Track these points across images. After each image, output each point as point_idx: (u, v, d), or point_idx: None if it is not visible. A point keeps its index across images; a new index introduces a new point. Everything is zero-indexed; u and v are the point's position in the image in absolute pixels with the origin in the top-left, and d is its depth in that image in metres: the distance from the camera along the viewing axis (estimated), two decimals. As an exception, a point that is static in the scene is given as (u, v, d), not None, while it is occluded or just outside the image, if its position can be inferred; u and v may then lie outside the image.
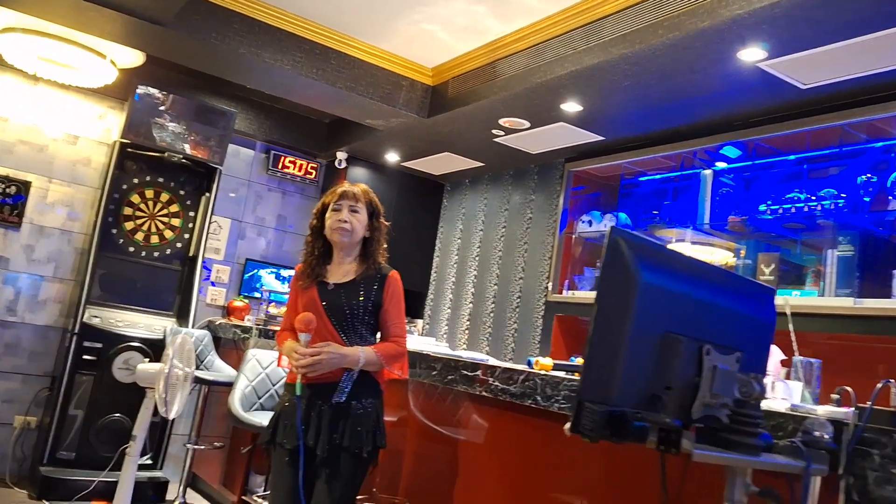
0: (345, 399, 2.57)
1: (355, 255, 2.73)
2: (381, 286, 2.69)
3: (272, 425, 2.62)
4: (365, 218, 2.73)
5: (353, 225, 2.67)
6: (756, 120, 4.07)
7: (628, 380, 1.40)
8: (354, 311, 2.62)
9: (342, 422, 2.55)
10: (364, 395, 2.61)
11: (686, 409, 1.46)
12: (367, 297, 2.64)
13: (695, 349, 1.46)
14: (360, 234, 2.71)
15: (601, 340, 1.38)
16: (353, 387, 2.59)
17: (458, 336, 5.84)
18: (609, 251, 1.38)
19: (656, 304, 1.43)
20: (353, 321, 2.62)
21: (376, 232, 2.76)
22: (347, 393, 2.57)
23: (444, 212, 6.45)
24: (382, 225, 2.79)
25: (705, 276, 1.57)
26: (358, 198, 2.72)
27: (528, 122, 4.64)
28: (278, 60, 4.34)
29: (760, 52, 3.35)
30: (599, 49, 3.66)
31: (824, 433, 1.53)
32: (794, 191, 4.03)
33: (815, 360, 2.30)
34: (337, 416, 2.55)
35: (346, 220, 2.66)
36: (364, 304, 2.64)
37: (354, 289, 2.64)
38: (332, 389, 2.57)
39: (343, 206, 2.69)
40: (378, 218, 2.78)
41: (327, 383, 2.57)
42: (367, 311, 2.65)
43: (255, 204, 6.06)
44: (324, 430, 2.52)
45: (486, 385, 2.72)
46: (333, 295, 2.63)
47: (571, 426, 1.35)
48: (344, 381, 2.58)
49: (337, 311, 2.61)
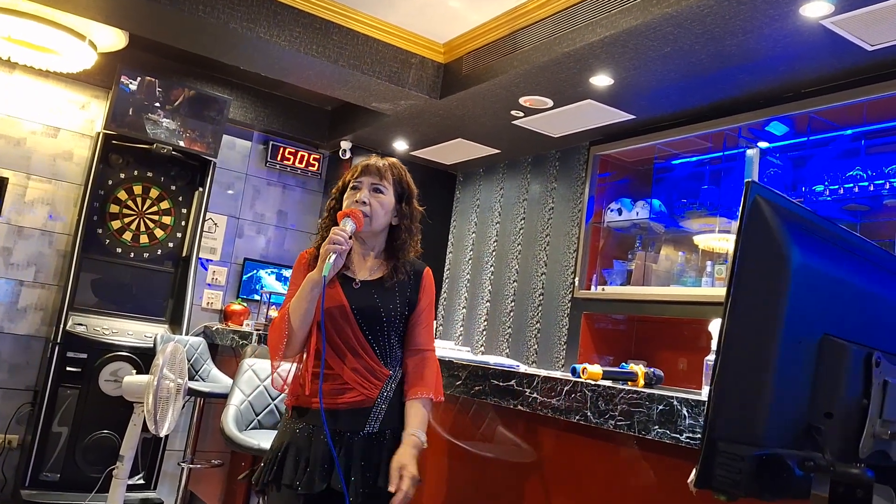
0: (378, 428, 2.05)
1: (380, 247, 2.18)
2: (417, 285, 2.17)
3: (276, 459, 2.04)
4: (391, 200, 2.14)
5: (372, 208, 2.09)
6: (811, 90, 3.62)
7: (779, 406, 0.96)
8: (391, 317, 2.10)
9: (376, 457, 2.02)
10: (397, 421, 2.09)
11: (850, 445, 1.01)
12: (403, 301, 2.12)
13: (861, 358, 1.02)
14: (384, 220, 2.13)
15: (740, 350, 0.93)
16: (387, 413, 2.07)
17: (475, 338, 5.40)
18: (749, 218, 0.93)
19: (814, 295, 0.98)
20: (387, 329, 2.10)
21: (405, 219, 2.18)
22: (381, 420, 2.05)
23: (456, 204, 6.01)
24: (415, 211, 2.21)
25: (870, 256, 1.12)
26: (383, 174, 2.14)
27: (551, 100, 4.20)
28: (274, 36, 3.90)
29: (827, 5, 2.91)
30: (638, 9, 3.21)
31: None
32: (853, 169, 3.59)
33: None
34: (370, 450, 2.02)
35: (364, 202, 2.08)
36: (400, 310, 2.11)
37: (388, 289, 2.11)
38: (363, 416, 2.03)
39: (363, 184, 2.11)
40: (409, 202, 2.19)
41: (358, 409, 2.03)
42: (403, 316, 2.13)
43: (254, 199, 5.62)
44: (356, 468, 1.98)
45: (522, 398, 2.28)
46: (363, 296, 2.08)
47: (700, 478, 0.91)
48: (377, 406, 2.05)
49: (369, 316, 2.07)
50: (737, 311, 0.93)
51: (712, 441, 0.91)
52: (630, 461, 2.06)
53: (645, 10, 3.19)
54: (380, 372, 2.07)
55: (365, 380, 2.05)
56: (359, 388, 2.04)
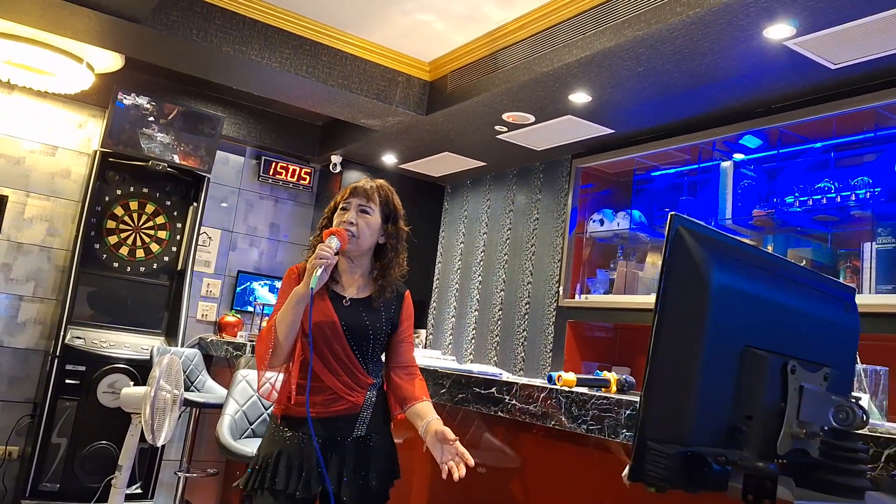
0: (366, 432, 2.20)
1: (366, 266, 2.31)
2: (399, 306, 2.31)
3: (267, 465, 2.14)
4: (377, 221, 2.27)
5: (359, 229, 2.22)
6: (780, 105, 3.78)
7: (701, 410, 1.10)
8: (377, 333, 2.24)
9: (366, 460, 2.17)
10: (381, 424, 2.25)
11: (770, 443, 1.16)
12: (387, 320, 2.27)
13: (778, 367, 1.16)
14: (370, 240, 2.26)
15: (667, 362, 1.08)
16: (373, 417, 2.22)
17: (465, 346, 5.53)
18: (672, 246, 1.08)
19: (733, 311, 1.13)
20: (373, 344, 2.24)
21: (392, 239, 2.31)
22: (367, 424, 2.21)
23: (445, 215, 6.16)
24: (401, 231, 2.34)
25: (785, 273, 1.27)
26: (370, 196, 2.26)
27: (532, 116, 4.35)
28: (265, 58, 4.04)
29: (789, 28, 3.07)
30: (612, 32, 3.37)
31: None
32: (823, 180, 3.74)
33: (882, 367, 2.00)
34: (360, 453, 2.17)
35: (352, 223, 2.21)
36: (384, 328, 2.26)
37: (375, 307, 2.25)
38: (352, 423, 2.18)
39: (351, 206, 2.24)
40: (396, 222, 2.32)
41: (347, 416, 2.17)
42: (387, 334, 2.28)
43: (246, 213, 5.75)
44: (348, 471, 2.12)
45: (502, 404, 2.42)
46: (352, 314, 2.22)
47: (632, 473, 1.05)
48: (364, 411, 2.20)
49: (358, 333, 2.20)
50: (663, 328, 1.07)
51: (643, 440, 1.05)
52: (601, 463, 2.21)
53: (618, 32, 3.35)
54: (364, 381, 2.21)
55: (351, 389, 2.19)
56: (346, 398, 2.17)
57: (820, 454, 1.17)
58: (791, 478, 1.17)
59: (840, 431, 1.16)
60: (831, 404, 1.16)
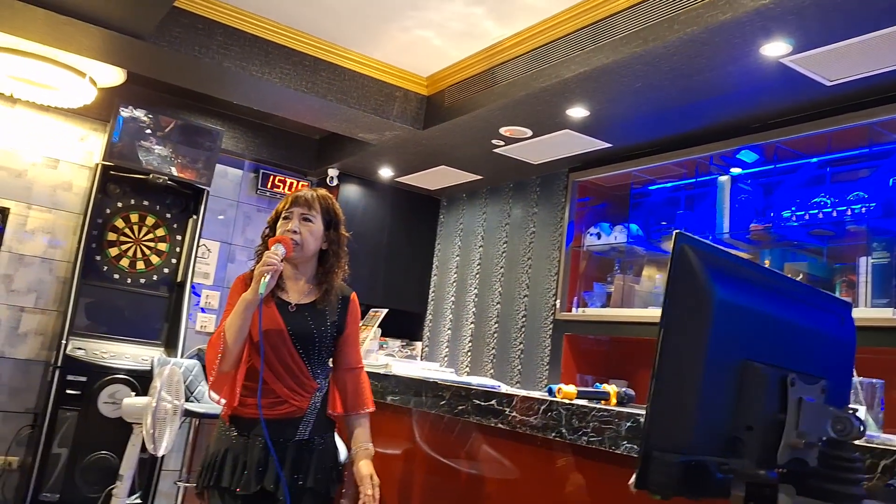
0: (308, 435, 2.31)
1: (311, 271, 2.41)
2: (345, 309, 2.43)
3: (214, 463, 2.25)
4: (319, 228, 2.37)
5: (303, 237, 2.31)
6: (776, 121, 3.84)
7: (703, 421, 1.14)
8: (322, 336, 2.34)
9: (306, 461, 2.29)
10: (323, 428, 2.37)
11: (769, 453, 1.19)
12: (333, 323, 2.38)
13: (777, 379, 1.20)
14: (313, 247, 2.36)
15: (671, 374, 1.12)
16: (316, 421, 2.34)
17: (461, 359, 5.56)
18: (676, 263, 1.12)
19: (733, 325, 1.17)
20: (319, 348, 2.35)
21: (333, 245, 2.41)
22: (310, 428, 2.32)
23: (440, 228, 6.20)
24: (342, 237, 2.44)
25: (783, 289, 1.31)
26: (311, 204, 2.37)
27: (530, 130, 4.40)
28: (265, 73, 4.09)
29: (785, 46, 3.13)
30: (609, 48, 3.43)
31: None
32: (819, 195, 3.79)
33: (878, 380, 2.04)
34: (300, 454, 2.29)
35: (295, 231, 2.30)
36: (330, 330, 2.37)
37: (319, 311, 2.36)
38: (295, 425, 2.30)
39: (293, 215, 2.33)
40: (337, 228, 2.43)
41: (291, 419, 2.29)
42: (332, 336, 2.38)
43: (245, 225, 5.79)
44: (287, 471, 2.25)
45: (502, 416, 2.45)
46: (298, 318, 2.31)
47: (638, 481, 1.09)
48: (308, 415, 2.33)
49: (303, 337, 2.31)
50: (668, 342, 1.11)
51: (648, 450, 1.09)
52: (602, 474, 2.24)
53: (615, 49, 3.40)
54: (309, 385, 2.32)
55: (296, 393, 2.30)
56: (291, 401, 2.28)
57: (818, 463, 1.21)
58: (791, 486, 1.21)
59: (837, 442, 1.20)
60: (829, 416, 1.20)
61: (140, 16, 3.53)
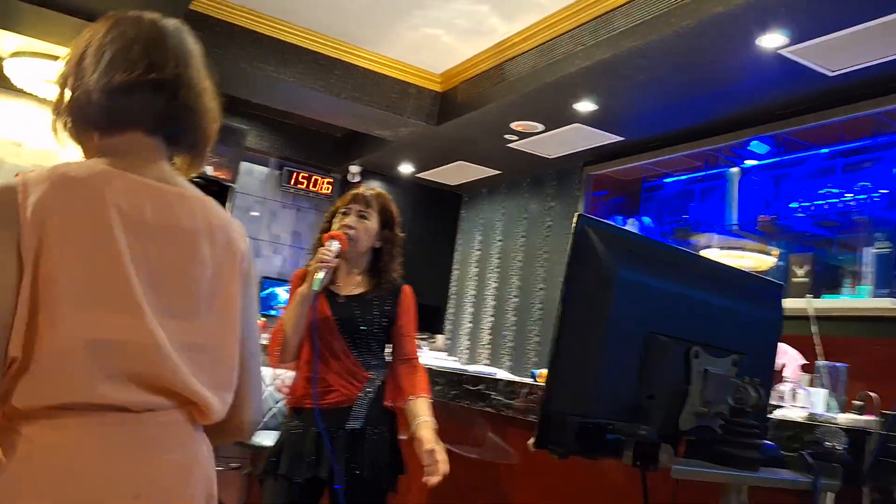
0: (360, 425, 2.31)
1: (363, 266, 2.44)
2: (395, 300, 2.43)
3: (274, 454, 2.32)
4: (375, 226, 2.40)
5: (357, 232, 2.36)
6: (782, 112, 3.84)
7: (605, 388, 1.23)
8: (370, 327, 2.37)
9: (359, 450, 2.28)
10: (379, 419, 2.35)
11: (672, 420, 1.27)
12: (381, 313, 2.40)
13: (682, 352, 1.28)
14: (367, 243, 2.39)
15: (572, 343, 1.20)
16: (369, 411, 2.33)
17: (480, 351, 5.65)
18: (577, 243, 1.21)
19: (637, 302, 1.25)
20: (367, 337, 2.37)
21: (388, 243, 2.43)
22: (363, 418, 2.32)
23: (461, 223, 6.30)
24: (397, 237, 2.47)
25: (695, 270, 1.39)
26: (369, 203, 2.40)
27: (541, 124, 4.47)
28: (281, 73, 4.25)
29: (781, 37, 3.14)
30: (608, 43, 3.48)
31: (837, 444, 1.33)
32: (826, 186, 3.78)
33: (841, 364, 2.07)
34: (353, 444, 2.29)
35: (351, 227, 2.35)
36: (378, 321, 2.38)
37: (367, 302, 2.39)
38: (346, 414, 2.30)
39: (351, 211, 2.38)
40: (392, 228, 2.46)
41: (341, 408, 2.30)
42: (381, 326, 2.40)
43: (270, 221, 5.98)
44: (340, 460, 2.24)
45: (488, 400, 2.54)
46: (345, 309, 2.36)
47: (536, 441, 1.18)
48: (359, 405, 2.32)
49: (351, 328, 2.34)
50: (568, 316, 1.20)
51: (547, 412, 1.18)
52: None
53: (615, 43, 3.46)
54: (360, 375, 2.34)
55: (347, 382, 2.32)
56: (341, 390, 2.31)
57: (721, 431, 1.29)
58: (689, 451, 1.29)
59: (737, 409, 1.27)
60: (730, 386, 1.28)
61: (159, 19, 3.72)
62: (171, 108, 1.17)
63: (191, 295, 1.12)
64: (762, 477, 1.26)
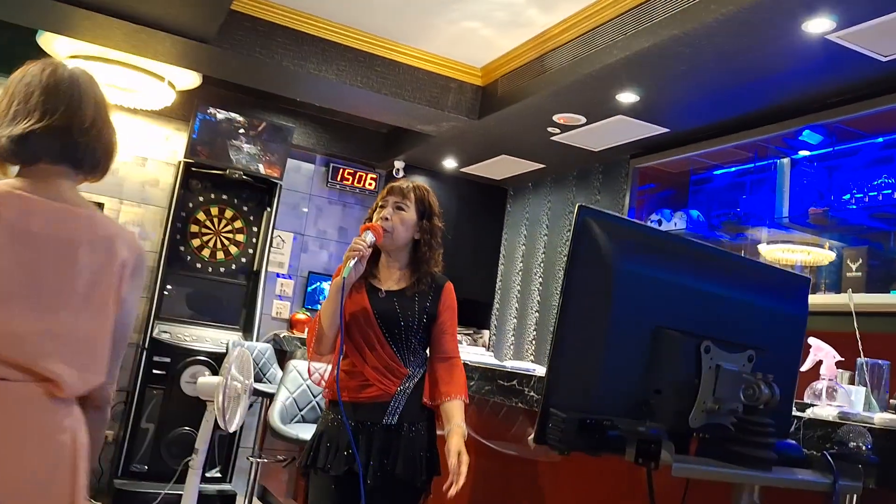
0: (397, 421, 2.29)
1: (404, 260, 2.41)
2: (437, 297, 2.40)
3: (313, 446, 2.33)
4: (412, 217, 2.37)
5: (393, 224, 2.33)
6: (834, 100, 3.69)
7: (609, 383, 1.20)
8: (409, 322, 2.35)
9: (394, 447, 2.27)
10: (417, 416, 2.33)
11: (681, 417, 1.24)
12: (422, 309, 2.37)
13: (692, 346, 1.24)
14: (406, 234, 2.36)
15: (572, 338, 1.19)
16: (405, 407, 2.32)
17: (525, 347, 5.62)
18: (577, 235, 1.19)
19: (642, 295, 1.22)
20: (406, 333, 2.35)
21: (426, 234, 2.40)
22: (399, 414, 2.30)
23: (507, 217, 6.27)
24: (436, 227, 2.42)
25: (709, 262, 1.35)
26: (405, 194, 2.37)
27: (583, 116, 4.41)
28: (322, 71, 4.30)
29: (828, 22, 3.02)
30: (649, 32, 3.40)
31: (862, 444, 1.27)
32: (881, 177, 3.63)
33: (884, 361, 1.98)
34: (388, 439, 2.28)
35: (386, 218, 2.33)
36: (419, 317, 2.36)
37: (408, 298, 2.37)
38: (382, 409, 2.29)
39: (388, 203, 2.37)
40: (431, 219, 2.41)
41: (377, 403, 2.29)
42: (421, 323, 2.37)
43: (317, 217, 6.07)
44: (374, 455, 2.25)
45: (521, 396, 2.52)
46: (386, 304, 2.35)
47: (536, 436, 1.16)
48: (396, 400, 2.31)
49: (390, 322, 2.33)
50: (569, 310, 1.18)
51: (546, 408, 1.17)
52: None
53: (655, 32, 3.38)
54: (398, 370, 2.32)
55: (384, 377, 2.30)
56: (378, 385, 2.29)
57: (733, 429, 1.25)
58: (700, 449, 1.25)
59: (750, 407, 1.23)
60: (741, 382, 1.24)
61: (201, 20, 3.81)
62: (66, 146, 1.48)
63: (66, 293, 1.40)
64: (773, 477, 1.21)
